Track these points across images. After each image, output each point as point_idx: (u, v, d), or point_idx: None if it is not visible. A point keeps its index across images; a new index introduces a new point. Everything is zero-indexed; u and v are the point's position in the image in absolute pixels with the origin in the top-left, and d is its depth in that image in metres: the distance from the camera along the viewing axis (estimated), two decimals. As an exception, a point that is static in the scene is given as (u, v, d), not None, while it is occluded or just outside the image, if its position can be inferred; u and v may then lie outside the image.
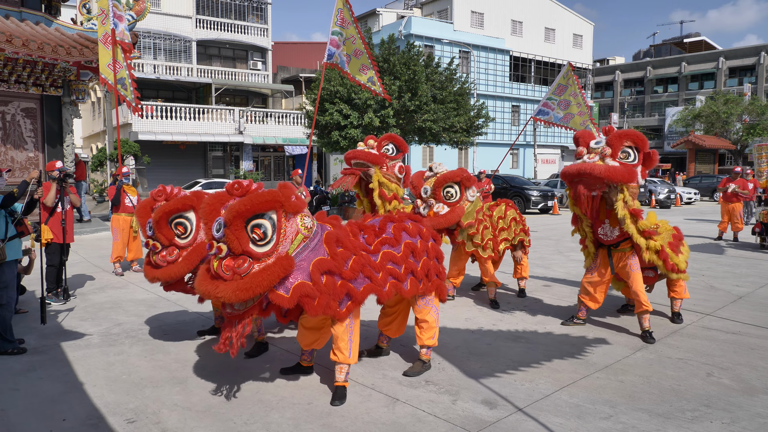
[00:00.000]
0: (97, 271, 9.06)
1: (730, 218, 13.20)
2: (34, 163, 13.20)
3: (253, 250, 3.39)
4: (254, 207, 3.35)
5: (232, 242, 3.35)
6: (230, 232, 3.34)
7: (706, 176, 33.53)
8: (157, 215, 4.54)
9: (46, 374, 4.57)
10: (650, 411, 3.94)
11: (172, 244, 4.61)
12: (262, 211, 3.39)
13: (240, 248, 3.37)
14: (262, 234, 3.39)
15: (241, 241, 3.35)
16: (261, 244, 3.41)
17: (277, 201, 3.44)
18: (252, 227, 3.38)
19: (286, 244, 3.51)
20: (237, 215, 3.31)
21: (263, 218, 3.41)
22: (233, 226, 3.33)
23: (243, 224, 3.35)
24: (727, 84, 50.05)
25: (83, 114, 35.57)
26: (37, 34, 11.79)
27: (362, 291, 3.96)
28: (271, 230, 3.43)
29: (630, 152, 5.29)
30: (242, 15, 33.76)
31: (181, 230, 4.62)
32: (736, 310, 6.71)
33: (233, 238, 3.34)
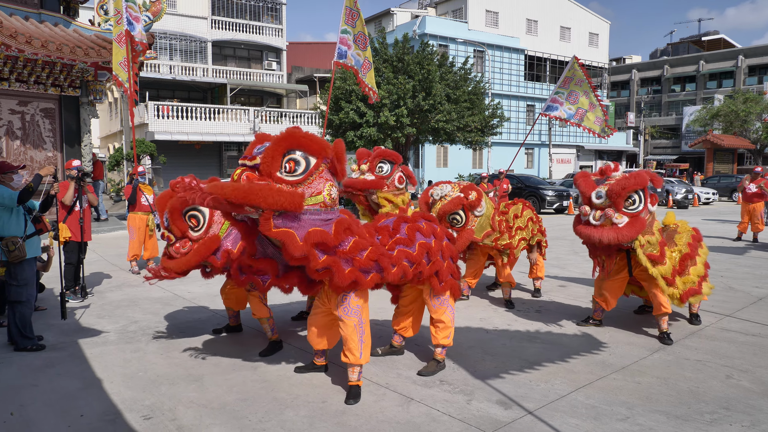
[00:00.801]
0: (114, 270, 9.15)
1: (751, 218, 13.00)
2: (52, 163, 13.37)
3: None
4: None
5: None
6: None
7: (725, 176, 33.07)
8: (172, 207, 4.57)
9: (64, 370, 4.63)
10: (668, 413, 3.90)
11: (185, 236, 4.63)
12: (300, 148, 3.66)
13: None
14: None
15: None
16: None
17: (324, 148, 3.70)
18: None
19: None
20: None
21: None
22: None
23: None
24: (746, 82, 49.32)
25: (101, 114, 35.97)
26: (55, 35, 11.93)
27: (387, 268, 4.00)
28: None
29: (635, 198, 5.09)
30: (257, 15, 33.94)
31: (194, 223, 4.63)
32: (755, 311, 6.61)
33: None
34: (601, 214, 5.11)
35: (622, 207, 5.05)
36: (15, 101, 12.84)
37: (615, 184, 5.03)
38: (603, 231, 5.06)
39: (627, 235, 5.01)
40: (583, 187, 5.27)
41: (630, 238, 5.05)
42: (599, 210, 5.13)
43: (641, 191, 5.09)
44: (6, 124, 12.78)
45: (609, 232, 5.03)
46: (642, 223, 5.07)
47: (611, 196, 5.03)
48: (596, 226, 5.14)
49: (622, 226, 5.01)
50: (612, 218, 5.02)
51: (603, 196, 5.10)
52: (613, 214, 5.02)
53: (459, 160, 34.74)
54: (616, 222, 5.02)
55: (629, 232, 5.00)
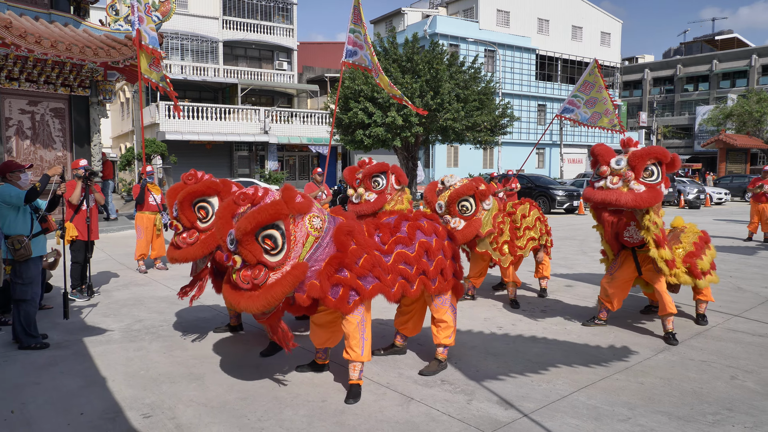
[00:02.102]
0: (122, 269, 9.21)
1: (761, 219, 12.85)
2: (62, 163, 13.49)
3: (267, 260, 3.49)
4: (260, 222, 3.43)
5: (246, 255, 3.47)
6: (243, 248, 3.46)
7: (737, 176, 32.71)
8: (182, 197, 4.62)
9: (67, 369, 4.66)
10: (670, 414, 3.85)
11: (193, 226, 4.67)
12: (269, 222, 3.45)
13: (254, 259, 3.48)
14: (273, 244, 3.48)
15: (254, 253, 3.46)
16: (274, 253, 3.50)
17: (281, 212, 3.49)
18: (263, 238, 3.47)
19: (298, 248, 3.57)
20: (245, 232, 3.42)
21: (272, 228, 3.48)
22: (244, 242, 3.44)
23: (253, 238, 3.45)
24: (760, 82, 48.78)
25: (112, 114, 36.30)
26: (65, 35, 12.04)
27: (371, 289, 3.96)
28: (281, 239, 3.50)
29: (653, 170, 5.06)
30: (268, 15, 34.06)
31: (202, 214, 4.68)
32: (764, 311, 6.52)
33: (246, 252, 3.46)
34: (619, 179, 5.07)
35: (641, 176, 5.02)
36: (25, 101, 12.97)
37: (639, 150, 5.04)
38: (621, 194, 5.00)
39: (645, 199, 4.92)
40: (603, 153, 5.25)
41: (647, 203, 4.95)
42: (617, 175, 5.09)
43: (660, 165, 5.06)
44: (16, 123, 12.91)
45: (627, 195, 4.98)
46: (659, 194, 4.98)
47: (633, 161, 5.00)
48: (613, 190, 5.07)
49: (640, 192, 4.95)
50: (630, 182, 4.98)
51: (623, 164, 5.07)
52: (632, 177, 4.99)
53: (469, 159, 34.64)
54: (633, 188, 4.97)
55: (648, 197, 4.92)
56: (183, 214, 4.63)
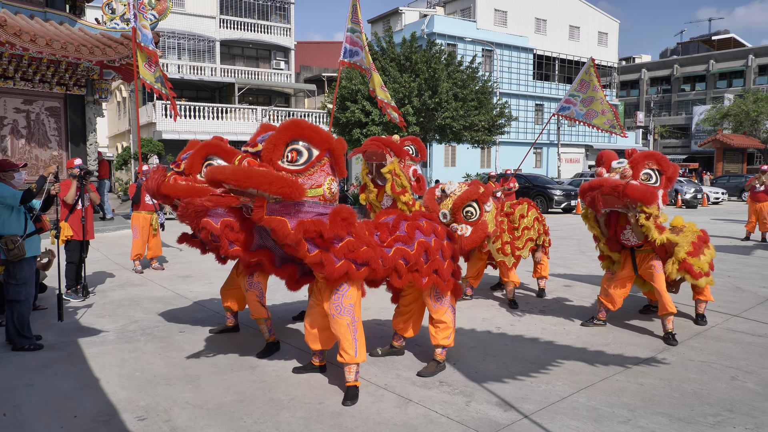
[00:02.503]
0: (118, 269, 9.15)
1: (758, 218, 12.85)
2: (57, 162, 13.41)
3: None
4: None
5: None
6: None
7: (734, 176, 32.78)
8: (200, 146, 4.61)
9: (61, 370, 4.60)
10: (670, 415, 3.82)
11: (191, 175, 4.60)
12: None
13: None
14: (297, 156, 3.60)
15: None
16: (298, 163, 3.61)
17: (328, 139, 3.70)
18: (290, 150, 3.59)
19: (314, 178, 3.67)
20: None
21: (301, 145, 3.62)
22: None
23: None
24: (756, 82, 48.88)
25: (109, 113, 36.18)
26: (60, 33, 11.96)
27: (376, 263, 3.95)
28: (306, 155, 3.63)
29: (652, 174, 5.16)
30: (265, 15, 33.98)
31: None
32: (763, 312, 6.50)
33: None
34: (616, 174, 5.15)
35: (639, 177, 5.11)
36: (20, 100, 12.89)
37: (639, 153, 5.21)
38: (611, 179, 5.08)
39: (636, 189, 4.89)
40: (607, 157, 5.42)
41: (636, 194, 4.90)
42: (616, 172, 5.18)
43: (658, 172, 5.17)
44: (11, 122, 12.83)
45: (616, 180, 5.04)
46: (652, 193, 4.97)
47: (633, 161, 5.14)
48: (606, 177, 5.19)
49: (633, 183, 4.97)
50: (624, 173, 5.06)
51: (624, 163, 5.20)
52: (629, 174, 5.05)
53: (467, 159, 34.61)
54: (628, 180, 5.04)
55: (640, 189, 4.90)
56: (191, 160, 4.55)
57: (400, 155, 5.97)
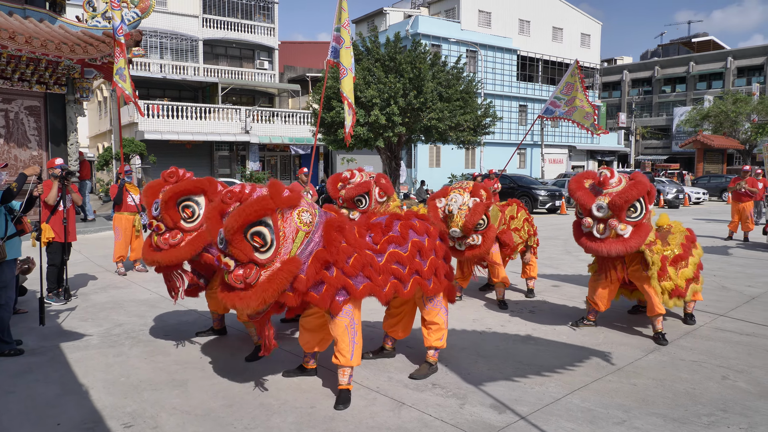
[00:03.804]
0: (100, 271, 8.97)
1: (741, 218, 13.00)
2: (37, 162, 13.13)
3: (258, 258, 3.40)
4: (247, 218, 3.34)
5: (236, 254, 3.39)
6: (232, 247, 3.37)
7: (715, 176, 33.23)
8: (167, 195, 4.42)
9: (42, 376, 4.47)
10: (665, 416, 3.80)
11: (177, 227, 4.47)
12: (257, 219, 3.37)
13: (245, 258, 3.39)
14: (262, 241, 3.38)
15: (244, 251, 3.37)
16: (263, 250, 3.41)
17: (268, 207, 3.40)
18: (251, 235, 3.37)
19: (288, 244, 3.47)
20: (233, 231, 3.34)
21: (260, 225, 3.39)
22: (233, 240, 3.36)
23: (242, 236, 3.36)
24: (735, 84, 49.63)
25: (90, 113, 35.66)
26: (40, 31, 11.72)
27: (361, 289, 3.86)
28: (269, 235, 3.40)
29: (637, 206, 4.99)
30: (249, 14, 33.73)
31: (188, 213, 4.49)
32: (749, 310, 6.55)
33: (237, 251, 3.38)
34: (604, 227, 4.98)
35: (625, 217, 4.95)
36: (-1, 99, 12.61)
37: (617, 197, 4.88)
38: (611, 245, 4.96)
39: (634, 245, 4.94)
40: (583, 199, 5.09)
41: (638, 247, 4.98)
42: (602, 222, 5.00)
43: (642, 198, 4.97)
44: (-10, 122, 12.55)
45: (616, 245, 4.94)
46: (647, 229, 5.00)
47: (614, 209, 4.91)
48: (602, 240, 5.01)
49: (628, 237, 4.92)
50: (617, 229, 4.92)
51: (605, 208, 4.96)
52: (617, 225, 4.91)
53: (451, 160, 34.64)
54: (621, 233, 4.92)
55: (635, 241, 4.93)
56: (167, 214, 4.43)
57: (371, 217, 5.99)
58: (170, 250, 4.44)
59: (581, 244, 5.24)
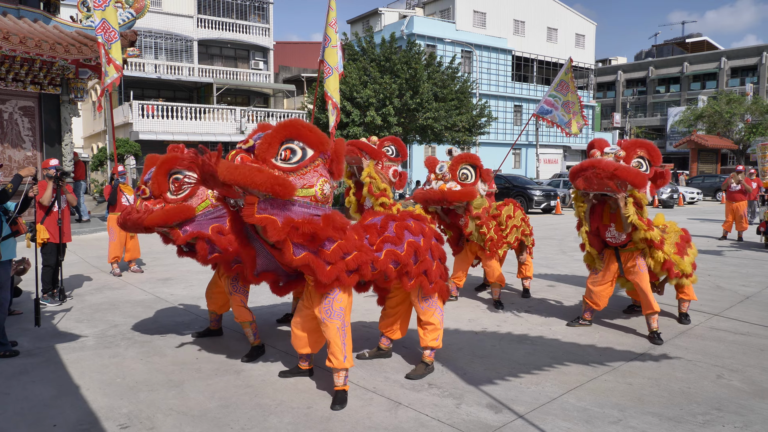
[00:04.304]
0: (95, 272, 8.94)
1: (735, 217, 13.07)
2: (31, 162, 13.10)
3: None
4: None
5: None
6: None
7: (709, 176, 33.38)
8: (161, 162, 4.42)
9: (38, 377, 4.45)
10: (660, 415, 3.82)
11: (161, 195, 4.45)
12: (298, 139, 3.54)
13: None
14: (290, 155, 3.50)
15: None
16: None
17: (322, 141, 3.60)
18: (284, 148, 3.49)
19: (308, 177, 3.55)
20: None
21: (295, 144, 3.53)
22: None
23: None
24: (729, 84, 49.90)
25: (84, 114, 35.50)
26: (34, 31, 11.68)
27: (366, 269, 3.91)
28: (300, 154, 3.52)
29: (642, 163, 5.22)
30: (244, 14, 33.67)
31: (176, 185, 4.46)
32: (744, 310, 6.58)
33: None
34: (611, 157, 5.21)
35: (631, 162, 5.17)
36: (-8, 99, 12.56)
37: (631, 141, 5.36)
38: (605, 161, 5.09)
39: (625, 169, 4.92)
40: (599, 144, 5.41)
41: (626, 175, 4.90)
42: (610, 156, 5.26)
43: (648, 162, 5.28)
44: (-16, 123, 12.50)
45: (611, 162, 5.05)
46: (642, 177, 4.98)
47: (626, 147, 5.23)
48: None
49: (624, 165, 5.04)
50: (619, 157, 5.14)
51: (616, 150, 5.22)
52: (623, 155, 5.14)
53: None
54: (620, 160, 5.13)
55: (632, 171, 4.93)
56: (156, 181, 4.40)
57: (376, 157, 5.98)
58: (146, 213, 4.41)
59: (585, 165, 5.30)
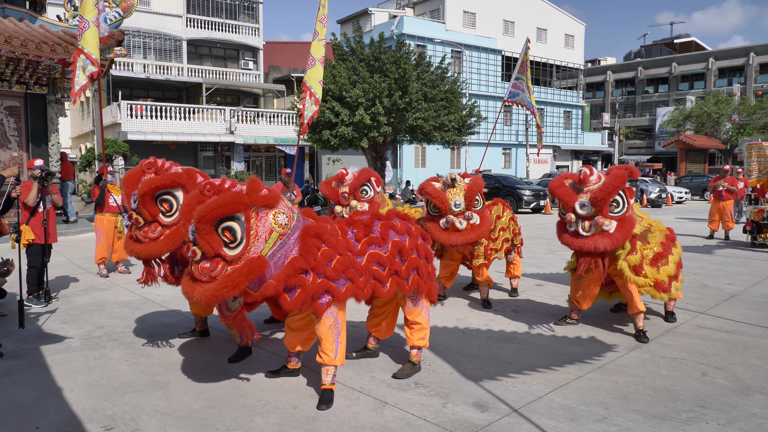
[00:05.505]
0: (81, 273, 8.87)
1: (721, 217, 13.18)
2: (17, 163, 12.98)
3: (226, 253, 3.32)
4: (219, 211, 3.27)
5: (203, 246, 3.31)
6: (200, 237, 3.30)
7: (697, 175, 33.66)
8: (143, 189, 4.36)
9: (21, 379, 4.41)
10: (645, 412, 3.84)
11: (155, 220, 4.44)
12: (229, 213, 3.31)
13: (212, 251, 3.31)
14: (232, 236, 3.31)
15: (212, 244, 3.30)
16: (232, 246, 3.33)
17: (243, 203, 3.34)
18: (222, 229, 3.31)
19: (259, 244, 3.40)
20: (204, 221, 3.26)
21: (232, 220, 3.32)
22: (202, 231, 3.28)
23: (212, 228, 3.29)
24: (716, 84, 50.33)
25: (72, 114, 35.24)
26: (20, 30, 11.58)
27: (344, 291, 3.88)
28: (240, 232, 3.33)
29: (618, 200, 5.03)
30: (233, 14, 33.56)
31: (166, 207, 4.44)
32: (729, 308, 6.63)
33: (204, 242, 3.30)
34: (590, 224, 4.97)
35: (608, 213, 4.97)
36: (-23, 99, 12.44)
37: (599, 192, 4.88)
38: (597, 240, 4.95)
39: (621, 238, 4.97)
40: (565, 197, 5.08)
41: (625, 240, 5.01)
42: (587, 220, 4.99)
43: (622, 192, 5.02)
44: (-31, 123, 12.37)
45: (604, 240, 4.94)
46: (631, 221, 5.05)
47: (596, 205, 4.89)
48: (588, 237, 5.00)
49: (613, 232, 4.93)
50: (602, 226, 4.90)
51: (587, 205, 4.96)
52: (603, 221, 4.90)
53: (437, 160, 34.73)
54: (606, 229, 4.91)
55: (622, 235, 4.96)
56: (145, 208, 4.40)
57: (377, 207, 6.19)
58: (149, 243, 4.42)
59: (566, 242, 5.22)
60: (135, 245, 4.51)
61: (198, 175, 4.62)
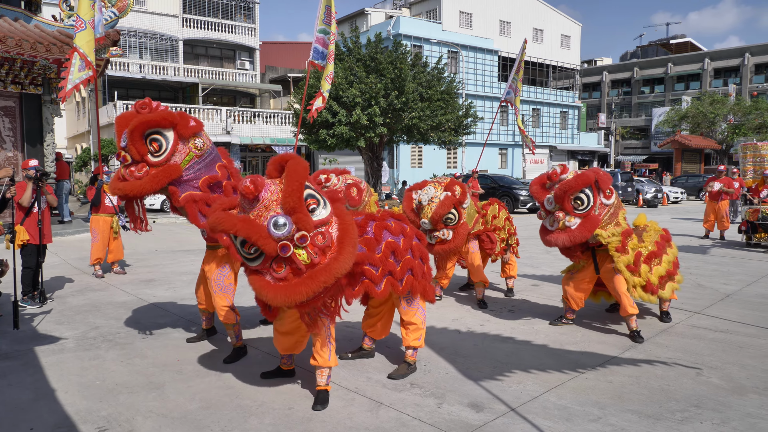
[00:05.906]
0: (77, 273, 8.85)
1: (716, 217, 13.22)
2: (12, 163, 12.94)
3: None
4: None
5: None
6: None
7: (693, 176, 33.78)
8: (133, 125, 4.23)
9: (15, 381, 4.39)
10: (639, 412, 3.85)
11: (143, 160, 4.35)
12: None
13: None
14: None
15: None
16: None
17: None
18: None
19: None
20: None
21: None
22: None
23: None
24: (712, 85, 50.50)
25: (68, 114, 35.17)
26: (15, 30, 11.54)
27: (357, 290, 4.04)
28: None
29: (583, 197, 5.13)
30: (230, 14, 33.54)
31: (155, 147, 4.30)
32: (724, 308, 6.65)
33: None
34: (554, 219, 5.21)
35: (572, 209, 5.13)
36: (-28, 99, 12.40)
37: (558, 189, 5.14)
38: (557, 235, 5.21)
39: (578, 236, 5.11)
40: (536, 194, 5.40)
41: (583, 238, 5.14)
42: (553, 216, 5.24)
43: (588, 190, 5.12)
44: (-37, 123, 12.33)
45: (561, 236, 5.18)
46: (594, 220, 5.14)
47: (557, 200, 5.15)
48: (552, 231, 5.27)
49: (574, 228, 5.10)
50: (563, 221, 5.11)
51: (551, 200, 5.21)
52: (563, 217, 5.11)
53: (433, 160, 34.76)
54: (568, 225, 5.11)
55: (580, 232, 5.11)
56: (133, 146, 4.25)
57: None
58: (134, 181, 4.31)
59: (540, 236, 5.49)
60: (120, 183, 4.37)
61: (191, 119, 4.51)
